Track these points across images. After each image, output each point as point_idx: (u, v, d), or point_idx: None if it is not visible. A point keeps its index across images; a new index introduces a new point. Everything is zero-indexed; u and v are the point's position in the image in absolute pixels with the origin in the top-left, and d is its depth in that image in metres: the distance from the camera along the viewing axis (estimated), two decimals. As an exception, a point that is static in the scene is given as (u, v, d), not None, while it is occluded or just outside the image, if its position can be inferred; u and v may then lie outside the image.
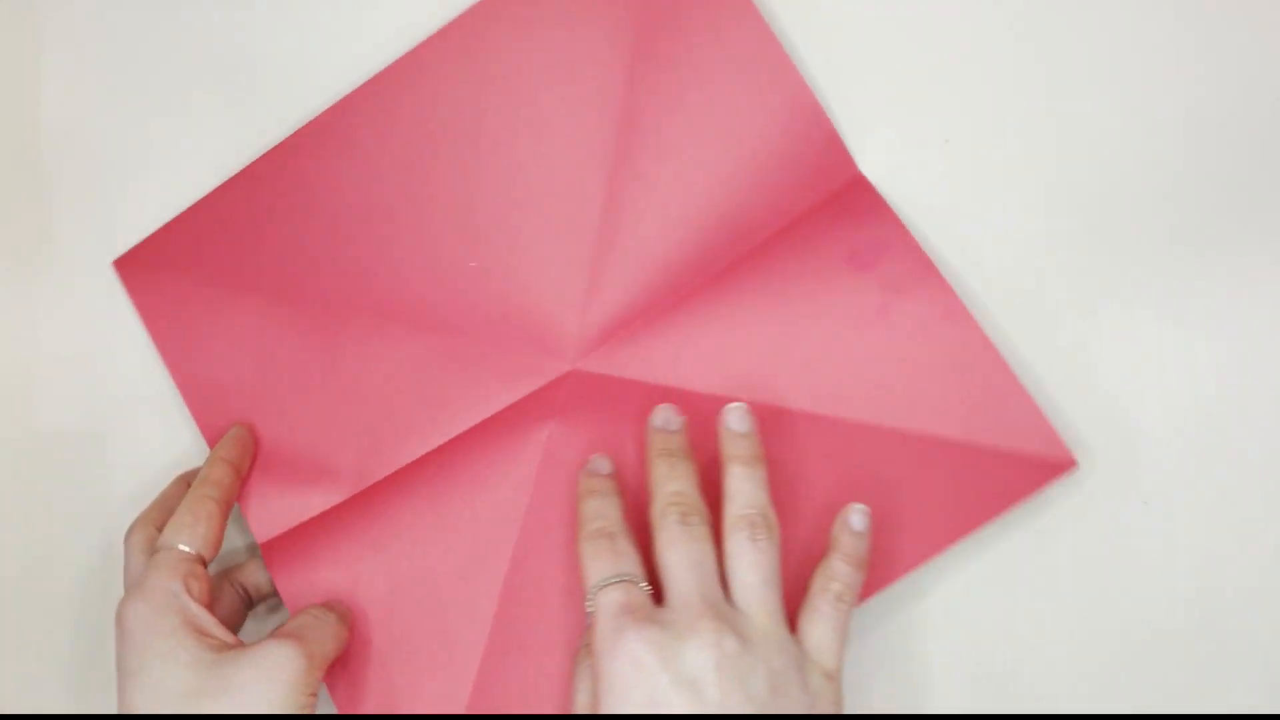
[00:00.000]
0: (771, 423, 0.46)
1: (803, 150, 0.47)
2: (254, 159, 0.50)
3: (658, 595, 0.42)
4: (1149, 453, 0.47)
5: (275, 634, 0.44)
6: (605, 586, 0.41)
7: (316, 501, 0.49)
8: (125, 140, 0.51)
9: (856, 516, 0.44)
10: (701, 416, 0.46)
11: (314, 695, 0.43)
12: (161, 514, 0.47)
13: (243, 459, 0.48)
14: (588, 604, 0.41)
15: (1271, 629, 0.47)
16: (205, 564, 0.45)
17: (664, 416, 0.45)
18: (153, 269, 0.50)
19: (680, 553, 0.41)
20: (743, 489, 0.43)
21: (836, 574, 0.43)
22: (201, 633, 0.43)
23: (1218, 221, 0.47)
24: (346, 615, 0.46)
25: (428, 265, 0.49)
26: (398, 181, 0.49)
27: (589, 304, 0.48)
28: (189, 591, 0.43)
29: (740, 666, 0.39)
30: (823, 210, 0.47)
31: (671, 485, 0.43)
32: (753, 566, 0.41)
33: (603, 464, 0.46)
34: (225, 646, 0.43)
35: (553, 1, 0.49)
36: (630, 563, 0.42)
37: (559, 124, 0.48)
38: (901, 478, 0.45)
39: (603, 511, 0.43)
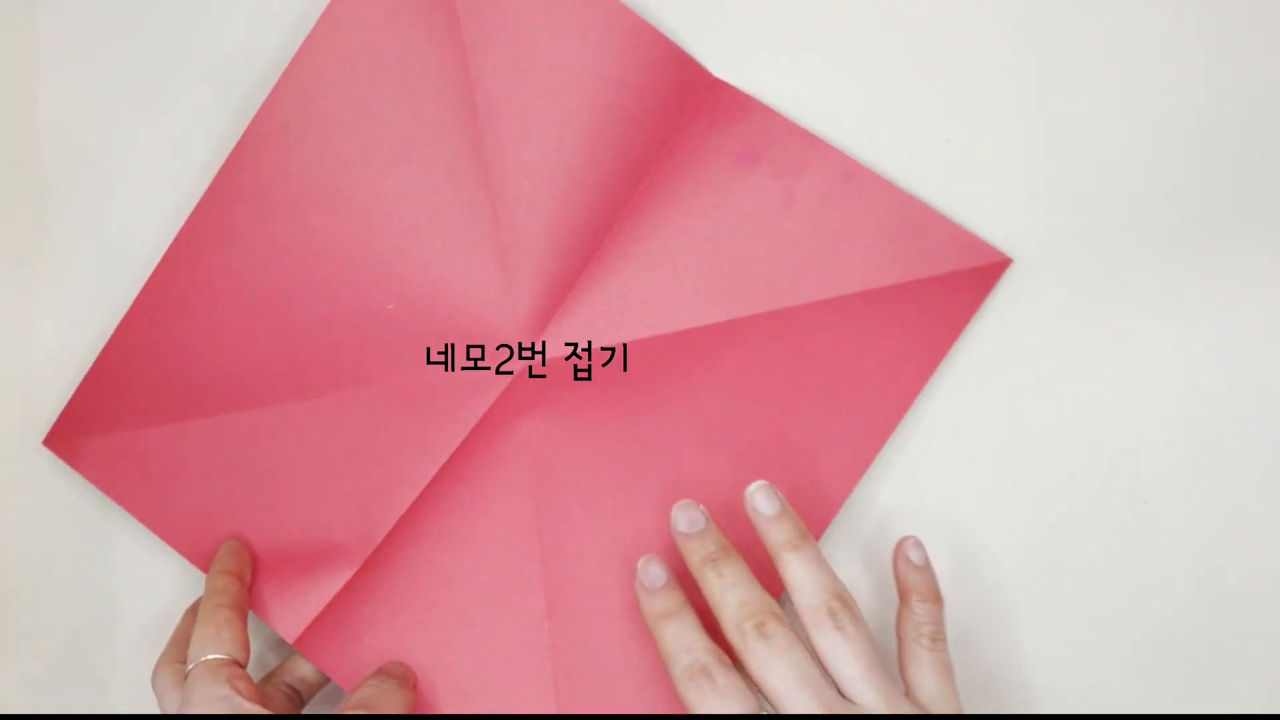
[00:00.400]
0: (724, 339, 0.47)
1: (656, 76, 0.48)
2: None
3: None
4: (1149, 453, 0.47)
5: (342, 709, 0.43)
6: None
7: (332, 582, 0.48)
8: (124, 140, 0.51)
9: (914, 551, 0.44)
10: (655, 357, 0.47)
11: None
12: (180, 648, 0.46)
13: (241, 567, 0.47)
14: None
15: (1271, 629, 0.47)
16: (243, 667, 0.44)
17: (688, 518, 0.43)
18: (85, 434, 0.49)
19: (779, 672, 0.39)
20: (806, 576, 0.41)
21: (923, 617, 0.43)
22: None
23: (1218, 222, 0.47)
24: (408, 675, 0.46)
25: (349, 324, 0.49)
26: (289, 255, 0.49)
27: (515, 298, 0.48)
28: (240, 693, 0.42)
29: None
30: (695, 125, 0.48)
31: (733, 597, 0.41)
32: (853, 658, 0.40)
33: (657, 573, 0.43)
34: None
35: (370, 26, 0.48)
36: (739, 698, 0.39)
37: (420, 142, 0.48)
38: (862, 336, 0.47)
39: (688, 642, 0.41)
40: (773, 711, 0.39)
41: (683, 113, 0.48)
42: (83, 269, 0.51)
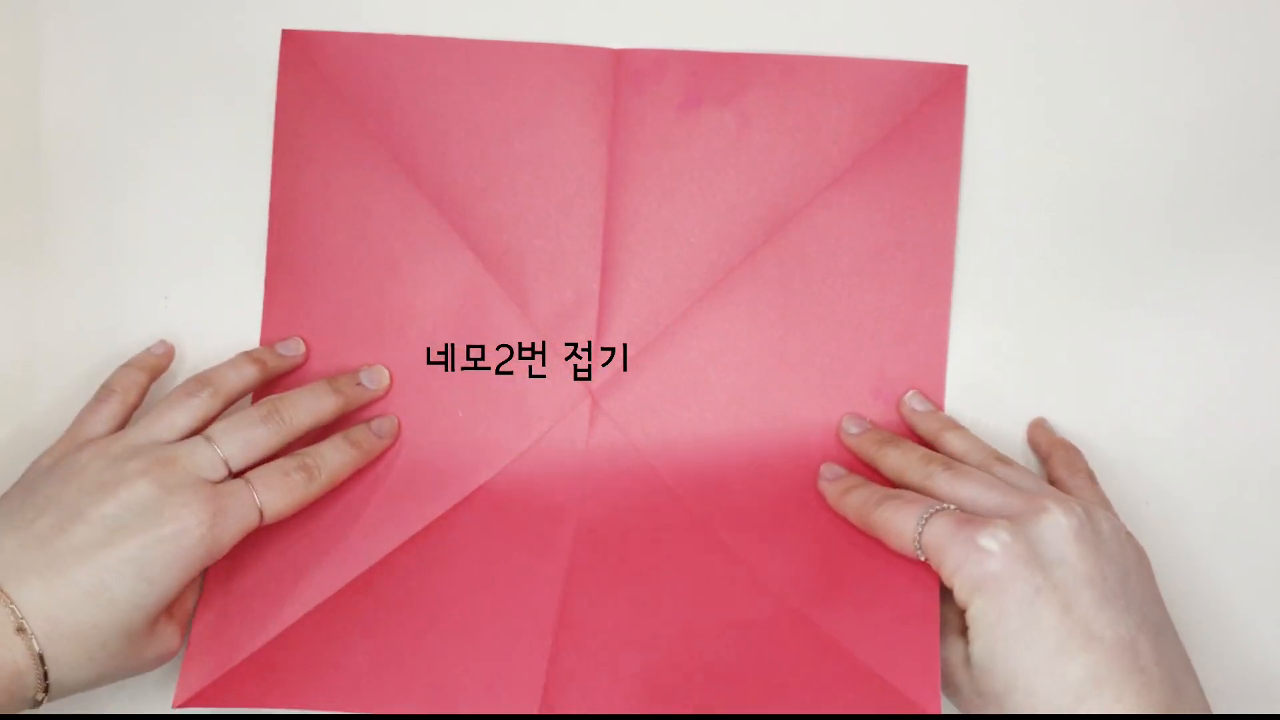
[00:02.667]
0: (752, 268, 0.48)
1: (569, 82, 0.48)
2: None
3: None
4: (1149, 453, 0.47)
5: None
6: (925, 524, 0.41)
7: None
8: (125, 140, 0.51)
9: (1045, 425, 0.47)
10: (700, 330, 0.48)
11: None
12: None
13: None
14: (918, 554, 0.41)
15: (1271, 628, 0.47)
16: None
17: (856, 423, 0.48)
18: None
19: (969, 487, 0.43)
20: (966, 445, 0.46)
21: (1075, 460, 0.46)
22: None
23: (1219, 222, 0.47)
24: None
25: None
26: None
27: (542, 325, 0.49)
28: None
29: (1092, 530, 0.40)
30: (624, 100, 0.48)
31: (914, 453, 0.45)
32: (1024, 473, 0.44)
33: (837, 469, 0.47)
34: None
35: (314, 133, 0.49)
36: (923, 502, 0.42)
37: (381, 219, 0.49)
38: (875, 209, 0.48)
39: (870, 490, 0.44)
40: (952, 508, 0.42)
41: (609, 96, 0.48)
42: (83, 269, 0.51)
